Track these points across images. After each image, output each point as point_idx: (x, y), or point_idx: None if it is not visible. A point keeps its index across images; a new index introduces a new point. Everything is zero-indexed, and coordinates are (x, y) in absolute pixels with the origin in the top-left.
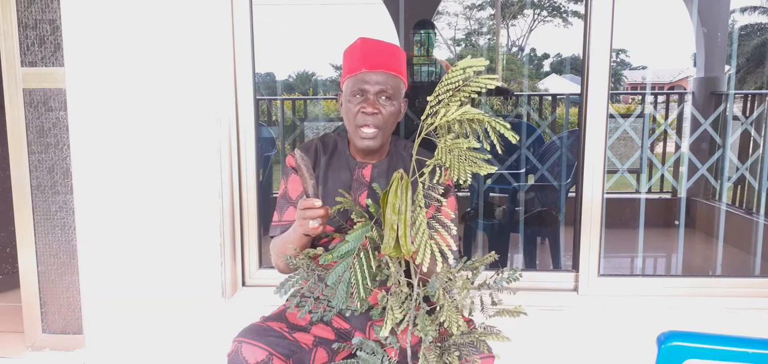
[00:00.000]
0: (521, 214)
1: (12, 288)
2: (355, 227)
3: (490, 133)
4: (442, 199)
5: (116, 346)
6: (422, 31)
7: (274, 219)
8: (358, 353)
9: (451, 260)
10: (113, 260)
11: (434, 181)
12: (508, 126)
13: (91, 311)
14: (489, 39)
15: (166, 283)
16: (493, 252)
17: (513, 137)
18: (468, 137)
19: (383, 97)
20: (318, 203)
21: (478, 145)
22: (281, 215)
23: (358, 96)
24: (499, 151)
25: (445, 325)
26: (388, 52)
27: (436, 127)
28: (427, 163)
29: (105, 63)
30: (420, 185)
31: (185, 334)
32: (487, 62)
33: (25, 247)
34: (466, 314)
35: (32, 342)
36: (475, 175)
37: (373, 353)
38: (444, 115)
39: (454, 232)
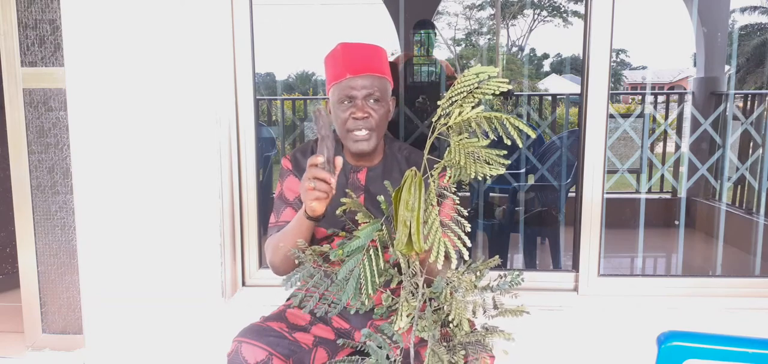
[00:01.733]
0: (521, 214)
1: (12, 288)
2: (362, 226)
3: (511, 130)
4: (455, 198)
5: (116, 346)
6: (422, 31)
7: (271, 221)
8: (366, 342)
9: (466, 256)
10: (113, 260)
11: (446, 180)
12: (525, 123)
13: (91, 311)
14: (489, 39)
15: (166, 283)
16: (496, 257)
17: (532, 132)
18: (487, 135)
19: (371, 100)
20: (321, 158)
21: (486, 143)
22: (278, 217)
23: (346, 102)
24: (520, 145)
25: (454, 324)
26: (371, 54)
27: (447, 127)
28: (436, 164)
29: (105, 63)
30: (431, 183)
31: (185, 334)
32: (499, 69)
33: (25, 247)
34: (469, 315)
35: (32, 342)
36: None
37: (380, 347)
38: (459, 115)
39: (468, 228)
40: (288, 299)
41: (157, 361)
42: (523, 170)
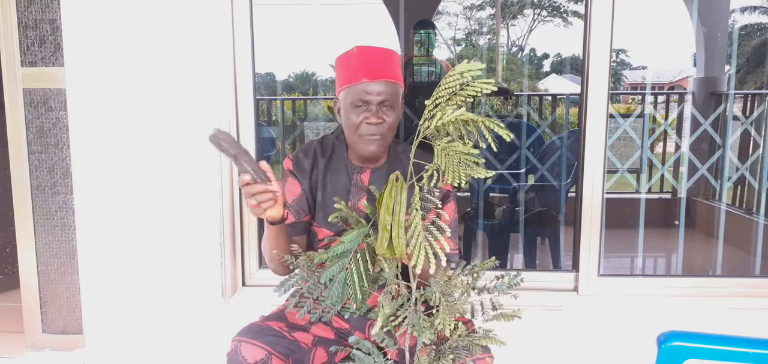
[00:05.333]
0: (521, 214)
1: (12, 288)
2: (348, 230)
3: (485, 133)
4: (437, 202)
5: (116, 346)
6: (422, 31)
7: None
8: (353, 351)
9: (443, 262)
10: (113, 260)
11: (432, 184)
12: (503, 125)
13: (91, 311)
14: (489, 39)
15: (166, 283)
16: (493, 258)
17: (507, 136)
18: (463, 139)
19: (385, 107)
20: (246, 177)
21: (476, 151)
22: None
23: (360, 107)
24: (494, 149)
25: (439, 327)
26: (386, 59)
27: (435, 130)
28: (426, 167)
29: (105, 63)
30: (417, 188)
31: (185, 334)
32: (484, 66)
33: (25, 247)
34: (467, 317)
35: (32, 342)
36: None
37: (369, 353)
38: (440, 118)
39: (448, 234)
40: (287, 302)
41: (157, 361)
42: (523, 170)
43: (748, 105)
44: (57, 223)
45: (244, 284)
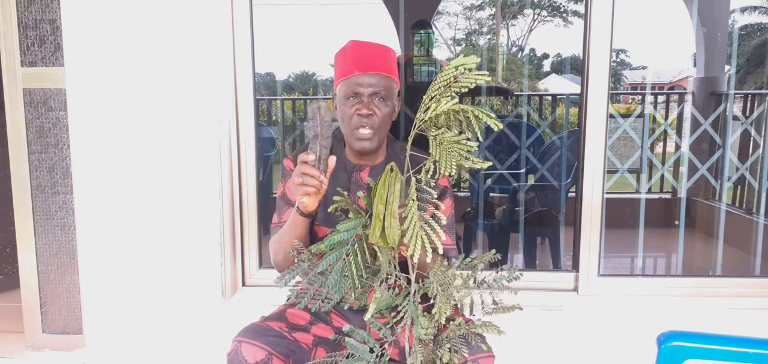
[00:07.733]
0: (521, 214)
1: (12, 288)
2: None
3: (473, 123)
4: (432, 192)
5: (116, 346)
6: (422, 31)
7: (273, 220)
8: (346, 339)
9: (440, 250)
10: (113, 260)
11: (428, 176)
12: (493, 115)
13: (91, 311)
14: (489, 39)
15: (166, 283)
16: (493, 250)
17: (495, 125)
18: (454, 130)
19: (377, 99)
20: (311, 157)
21: (476, 142)
22: (280, 216)
23: (352, 99)
24: (480, 139)
25: (436, 315)
26: (380, 53)
27: (431, 123)
28: (425, 161)
29: (105, 63)
30: (414, 180)
31: (185, 334)
32: (479, 59)
33: (25, 247)
34: (466, 314)
35: (32, 342)
36: (474, 175)
37: (364, 341)
38: (434, 110)
39: (444, 222)
40: (288, 299)
41: (157, 361)
42: (523, 170)
43: (748, 105)
44: (57, 223)
45: (244, 284)
